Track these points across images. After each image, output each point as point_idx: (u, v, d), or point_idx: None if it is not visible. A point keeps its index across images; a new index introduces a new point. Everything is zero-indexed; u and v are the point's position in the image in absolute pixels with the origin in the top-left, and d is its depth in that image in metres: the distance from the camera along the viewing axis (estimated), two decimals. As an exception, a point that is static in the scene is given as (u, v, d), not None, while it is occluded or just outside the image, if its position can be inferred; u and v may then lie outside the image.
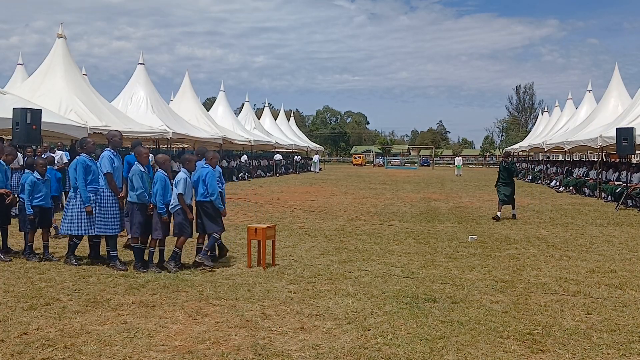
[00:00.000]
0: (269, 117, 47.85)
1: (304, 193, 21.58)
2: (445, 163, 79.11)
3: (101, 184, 7.52)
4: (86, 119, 16.77)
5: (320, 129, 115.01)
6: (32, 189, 7.95)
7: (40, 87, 17.90)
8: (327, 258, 8.38)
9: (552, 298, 6.17)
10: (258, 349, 4.49)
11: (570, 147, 24.70)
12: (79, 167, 7.57)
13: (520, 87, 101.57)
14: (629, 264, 8.09)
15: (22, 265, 7.57)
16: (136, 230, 7.35)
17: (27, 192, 7.93)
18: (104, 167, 7.45)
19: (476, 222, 13.00)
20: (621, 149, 16.29)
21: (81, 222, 7.55)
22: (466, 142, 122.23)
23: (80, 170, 7.54)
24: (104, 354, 4.35)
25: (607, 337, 4.85)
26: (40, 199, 8.03)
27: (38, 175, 8.05)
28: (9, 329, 4.90)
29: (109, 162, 7.45)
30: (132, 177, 7.37)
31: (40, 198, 8.02)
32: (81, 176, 7.52)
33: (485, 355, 4.41)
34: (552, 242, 10.05)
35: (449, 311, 5.59)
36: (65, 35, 19.47)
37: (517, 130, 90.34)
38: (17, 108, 11.66)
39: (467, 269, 7.68)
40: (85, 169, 7.56)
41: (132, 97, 24.08)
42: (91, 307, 5.62)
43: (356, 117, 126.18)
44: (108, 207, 7.48)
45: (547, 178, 29.40)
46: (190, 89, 31.28)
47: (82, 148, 7.95)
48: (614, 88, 25.02)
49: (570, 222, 13.00)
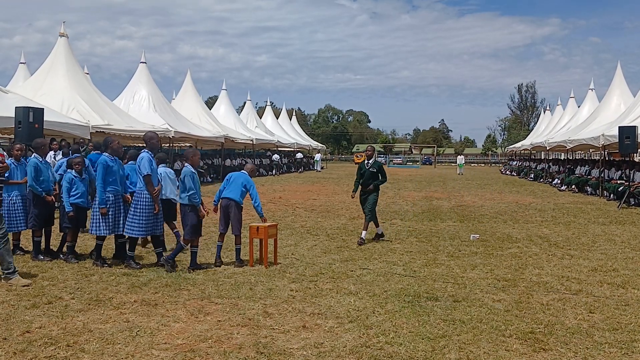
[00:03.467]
0: (270, 115, 47.87)
1: (306, 192, 21.58)
2: (447, 162, 79.04)
3: (139, 185, 7.35)
4: (88, 117, 16.78)
5: (322, 128, 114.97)
6: (70, 186, 7.84)
7: (42, 86, 17.92)
8: (329, 257, 8.38)
9: (554, 297, 6.16)
10: (260, 347, 4.49)
11: (573, 146, 24.66)
12: (100, 166, 7.40)
13: (522, 85, 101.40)
14: (632, 263, 8.07)
15: (25, 263, 7.59)
16: (188, 232, 7.27)
17: (66, 190, 7.83)
18: (143, 169, 7.23)
19: (478, 220, 12.99)
20: (623, 148, 16.26)
21: (105, 223, 7.41)
22: (468, 141, 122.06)
23: (100, 170, 7.37)
24: (106, 352, 4.36)
25: (609, 336, 4.84)
26: (77, 197, 7.87)
27: (75, 174, 7.93)
28: (12, 327, 4.91)
29: (149, 164, 7.28)
30: (184, 178, 7.27)
31: (76, 196, 7.87)
32: (100, 176, 7.36)
33: (487, 354, 4.41)
34: (554, 241, 10.04)
35: (451, 310, 5.58)
36: (67, 34, 19.48)
37: (519, 128, 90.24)
38: (19, 107, 11.69)
39: (469, 267, 7.68)
40: (105, 169, 7.38)
41: (134, 96, 24.08)
42: (93, 306, 5.63)
43: (357, 115, 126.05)
44: (144, 209, 7.30)
45: (549, 176, 29.36)
46: (192, 88, 31.27)
47: (106, 148, 7.80)
48: (616, 86, 24.95)
49: (573, 221, 12.98)
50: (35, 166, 7.81)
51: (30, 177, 7.79)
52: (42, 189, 7.85)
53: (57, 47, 19.20)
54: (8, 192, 7.91)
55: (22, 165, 8.26)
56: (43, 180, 7.87)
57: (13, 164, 8.03)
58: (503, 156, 64.54)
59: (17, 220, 7.90)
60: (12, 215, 7.86)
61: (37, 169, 7.81)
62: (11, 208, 7.87)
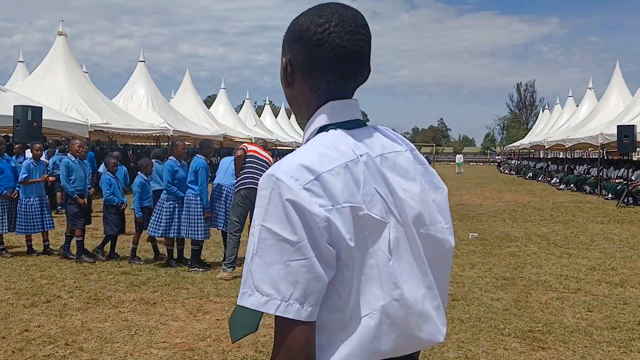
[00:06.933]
0: (269, 114, 47.79)
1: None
2: (446, 160, 78.94)
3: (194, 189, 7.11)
4: (87, 116, 16.76)
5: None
6: (141, 190, 7.77)
7: (41, 84, 17.88)
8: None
9: (553, 295, 6.17)
10: (259, 346, 4.49)
11: (571, 145, 24.67)
12: (165, 171, 7.23)
13: (521, 84, 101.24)
14: (630, 262, 8.08)
15: (23, 262, 7.58)
16: None
17: (137, 195, 7.75)
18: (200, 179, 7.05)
19: (477, 219, 12.99)
20: (622, 147, 16.28)
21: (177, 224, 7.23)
22: (467, 140, 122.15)
23: (166, 174, 7.20)
24: (104, 351, 4.36)
25: (607, 335, 4.85)
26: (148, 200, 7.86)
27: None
28: (11, 326, 4.91)
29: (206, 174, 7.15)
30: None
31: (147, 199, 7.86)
32: (167, 179, 7.19)
33: (486, 353, 4.41)
34: (553, 240, 10.05)
35: (450, 309, 5.58)
36: (65, 33, 19.45)
37: (518, 127, 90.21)
38: (17, 105, 11.65)
39: (467, 266, 7.68)
40: (172, 174, 7.20)
41: (133, 95, 24.02)
42: (92, 305, 5.62)
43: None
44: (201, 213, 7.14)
45: (547, 175, 29.36)
46: (191, 87, 31.22)
47: (172, 151, 7.68)
48: (615, 85, 24.95)
49: (571, 220, 12.99)
50: (67, 166, 7.67)
51: (63, 177, 7.65)
52: (74, 188, 7.66)
53: (55, 45, 19.16)
54: (27, 195, 7.85)
55: (42, 165, 8.23)
56: (75, 180, 7.67)
57: (32, 164, 7.99)
58: (501, 155, 64.49)
59: (33, 222, 7.84)
60: (28, 217, 7.80)
61: (69, 168, 7.67)
62: (28, 210, 7.82)
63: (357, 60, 1.22)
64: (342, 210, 1.09)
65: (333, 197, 1.08)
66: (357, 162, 1.14)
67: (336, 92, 1.23)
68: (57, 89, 17.64)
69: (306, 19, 1.22)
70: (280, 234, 1.05)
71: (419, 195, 1.24)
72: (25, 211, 7.81)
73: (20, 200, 7.85)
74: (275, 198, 1.07)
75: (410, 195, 1.21)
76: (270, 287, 1.05)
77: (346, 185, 1.10)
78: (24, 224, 7.81)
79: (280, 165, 1.11)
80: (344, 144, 1.16)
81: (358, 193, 1.12)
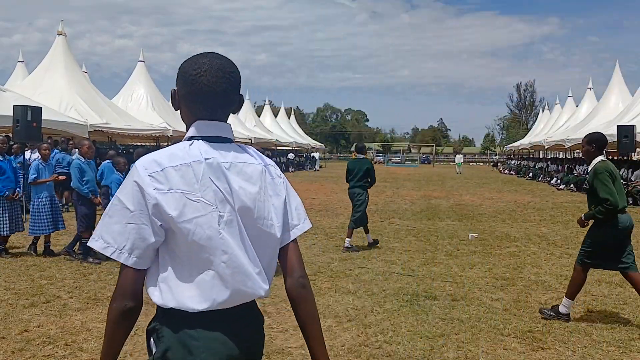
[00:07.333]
0: (269, 114, 47.75)
1: (305, 190, 21.56)
2: (446, 161, 79.02)
3: None
4: (86, 116, 16.74)
5: (320, 127, 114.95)
6: None
7: (40, 84, 17.86)
8: (328, 255, 8.38)
9: (553, 295, 6.17)
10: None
11: (571, 145, 24.66)
12: None
13: (521, 84, 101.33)
14: (630, 262, 8.07)
15: (23, 262, 7.57)
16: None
17: None
18: None
19: (477, 219, 13.00)
20: (622, 147, 16.28)
21: None
22: (467, 140, 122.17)
23: None
24: (104, 351, 4.35)
25: (607, 335, 4.85)
26: None
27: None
28: (10, 326, 4.91)
29: None
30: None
31: None
32: None
33: (486, 353, 4.41)
34: (553, 240, 10.05)
35: (450, 309, 5.59)
36: (65, 33, 19.43)
37: (517, 127, 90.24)
38: (17, 105, 11.66)
39: (467, 266, 7.68)
40: None
41: (132, 95, 24.01)
42: (92, 305, 5.62)
43: (356, 114, 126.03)
44: None
45: (547, 176, 29.37)
46: (191, 87, 31.22)
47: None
48: (614, 86, 24.98)
49: (571, 220, 12.98)
50: (78, 167, 7.67)
51: (75, 178, 7.63)
52: (88, 189, 7.66)
53: (55, 45, 19.14)
54: (37, 194, 7.86)
55: (50, 165, 8.22)
56: (88, 181, 7.68)
57: (41, 164, 8.00)
58: (499, 155, 64.46)
59: (44, 222, 7.83)
60: (40, 217, 7.81)
61: (81, 169, 7.67)
62: (41, 210, 7.82)
63: (221, 96, 1.64)
64: (174, 194, 1.52)
65: (169, 184, 1.52)
66: (200, 162, 1.56)
67: (205, 116, 1.65)
68: (57, 89, 17.62)
69: (188, 64, 1.66)
70: (125, 203, 1.54)
71: (253, 195, 1.64)
72: (39, 211, 7.81)
73: (33, 201, 7.88)
74: (129, 179, 1.56)
75: (245, 192, 1.62)
76: (110, 238, 1.56)
77: (183, 177, 1.54)
78: (37, 225, 7.80)
79: (143, 158, 1.58)
80: (196, 149, 1.59)
81: (196, 183, 1.54)
